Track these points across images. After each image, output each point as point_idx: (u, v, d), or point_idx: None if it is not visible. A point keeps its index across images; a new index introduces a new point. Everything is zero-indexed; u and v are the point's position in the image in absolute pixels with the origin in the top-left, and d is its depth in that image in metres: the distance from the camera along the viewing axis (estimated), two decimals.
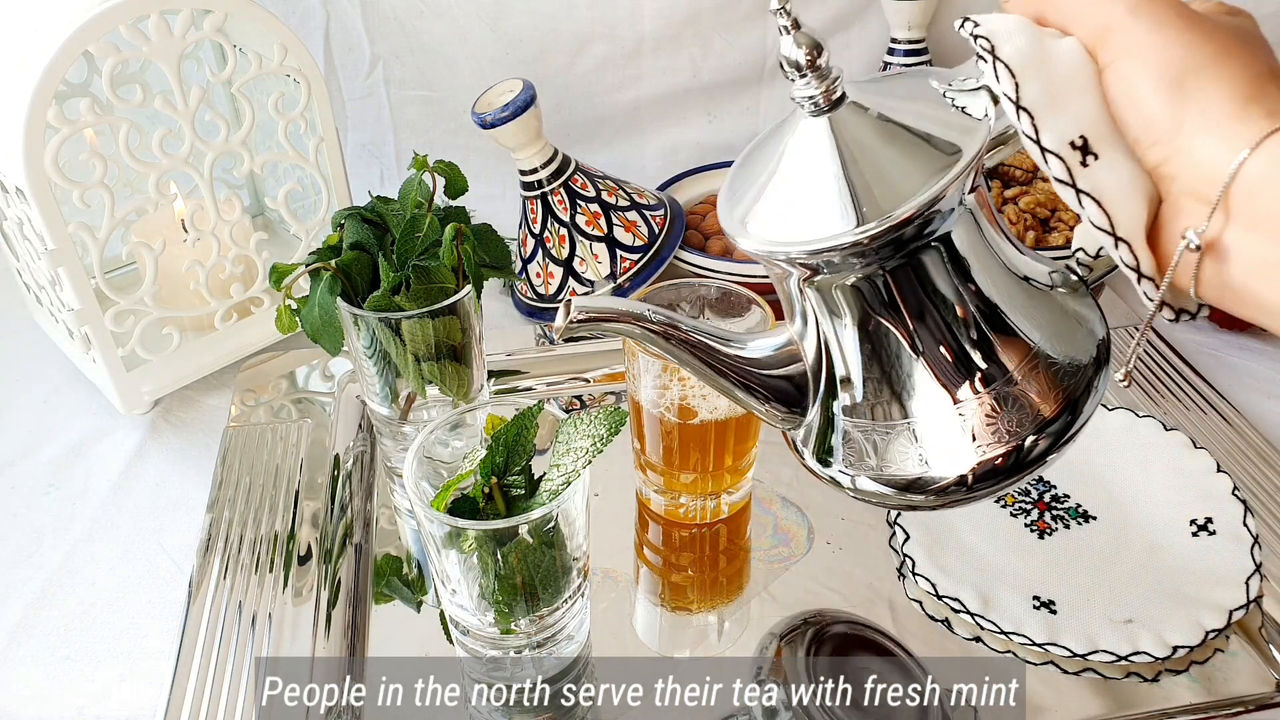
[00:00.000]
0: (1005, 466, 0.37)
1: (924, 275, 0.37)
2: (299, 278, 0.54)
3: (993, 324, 0.38)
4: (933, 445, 0.38)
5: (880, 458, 0.39)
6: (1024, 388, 0.37)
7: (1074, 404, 0.38)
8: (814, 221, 0.36)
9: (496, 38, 0.85)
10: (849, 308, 0.38)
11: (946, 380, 0.38)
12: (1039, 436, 0.37)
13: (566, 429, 0.46)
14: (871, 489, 0.39)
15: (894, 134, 0.36)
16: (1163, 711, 0.48)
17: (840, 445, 0.40)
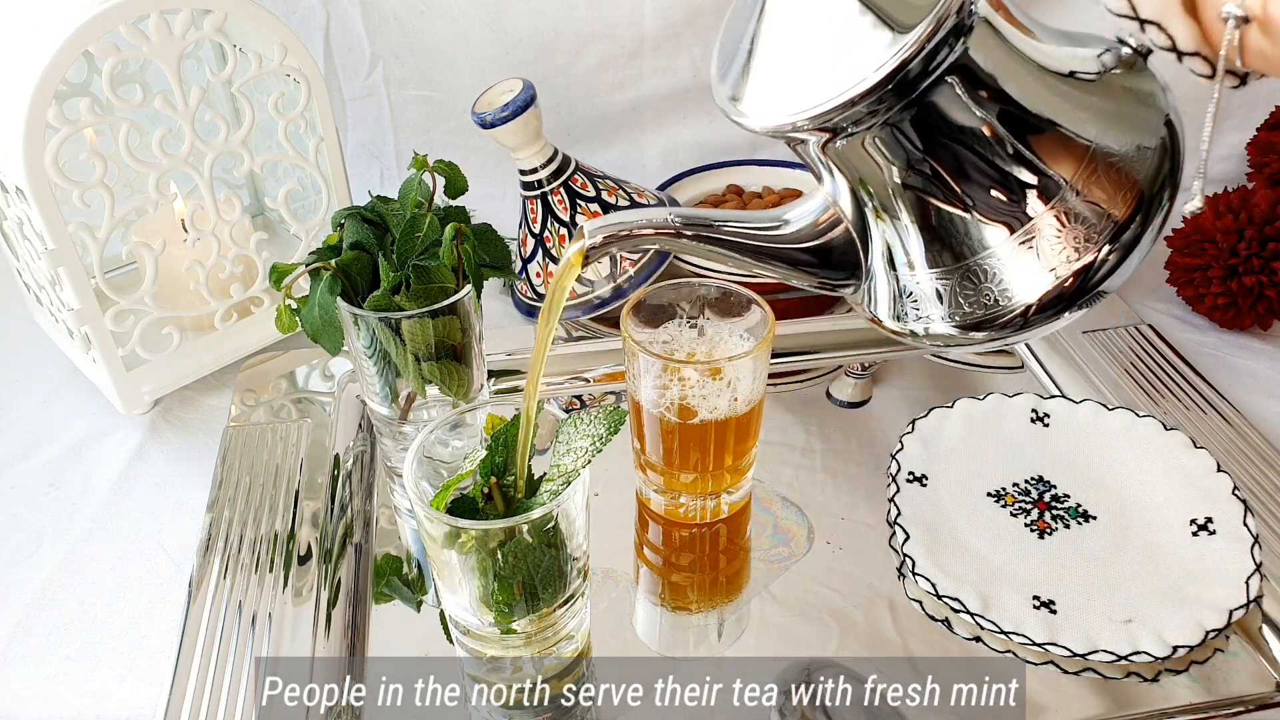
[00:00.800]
0: (1104, 266, 0.35)
1: (950, 106, 0.34)
2: (299, 278, 0.54)
3: (1038, 135, 0.34)
4: (1004, 278, 0.35)
5: (950, 303, 0.37)
6: (1088, 196, 0.34)
7: (1146, 200, 0.35)
8: (817, 79, 0.33)
9: (496, 38, 0.85)
10: (879, 161, 0.35)
11: (1003, 207, 0.35)
12: (1114, 243, 0.35)
13: (566, 429, 0.46)
14: (954, 334, 0.37)
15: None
16: (1163, 711, 0.48)
17: (906, 299, 0.38)
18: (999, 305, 0.36)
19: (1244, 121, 0.86)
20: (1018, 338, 0.38)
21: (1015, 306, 0.36)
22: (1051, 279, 0.35)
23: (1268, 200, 0.71)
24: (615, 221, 0.38)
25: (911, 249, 0.37)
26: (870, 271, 0.39)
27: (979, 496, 0.59)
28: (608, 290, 0.75)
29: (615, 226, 0.38)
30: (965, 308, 0.37)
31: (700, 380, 0.52)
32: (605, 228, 0.37)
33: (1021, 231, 0.35)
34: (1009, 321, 0.36)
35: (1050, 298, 0.36)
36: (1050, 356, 0.71)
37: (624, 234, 0.37)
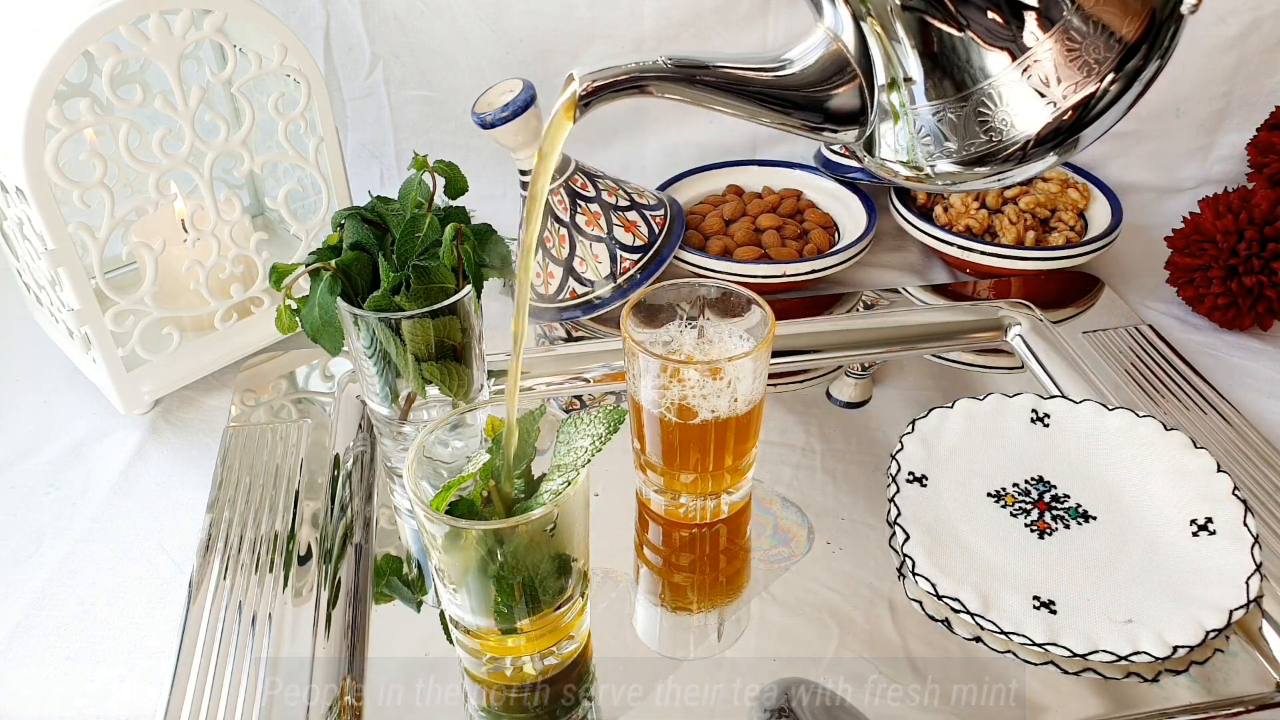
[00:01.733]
0: (1106, 96, 0.34)
1: None
2: (299, 278, 0.54)
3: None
4: (1006, 107, 0.35)
5: (952, 138, 0.37)
6: (1095, 14, 0.34)
7: (1156, 18, 0.34)
8: None
9: (496, 38, 0.85)
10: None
11: (1006, 29, 0.34)
12: (1119, 71, 0.34)
13: (567, 429, 0.46)
14: (958, 172, 0.37)
15: None
16: (1163, 711, 0.48)
17: (911, 136, 0.37)
18: (1000, 137, 0.36)
19: (1244, 122, 0.86)
20: (1019, 171, 0.37)
21: (1016, 139, 0.36)
22: (1051, 110, 0.35)
23: (1268, 200, 0.71)
24: (605, 66, 0.36)
25: (914, 76, 0.37)
26: (873, 111, 0.38)
27: (979, 496, 0.59)
28: (608, 290, 0.75)
29: (605, 72, 0.36)
30: (967, 142, 0.37)
31: (700, 380, 0.52)
32: (595, 73, 0.35)
33: (1023, 58, 0.35)
34: (1009, 155, 0.36)
35: (1049, 130, 0.36)
36: (1050, 356, 0.71)
37: (615, 79, 0.35)
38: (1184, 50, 0.82)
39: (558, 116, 0.38)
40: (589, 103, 0.35)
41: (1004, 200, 0.82)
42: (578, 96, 0.35)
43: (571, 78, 0.35)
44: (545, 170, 0.40)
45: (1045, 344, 0.72)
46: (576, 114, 0.36)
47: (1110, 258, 0.82)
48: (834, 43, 0.37)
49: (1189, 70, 0.84)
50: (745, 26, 0.86)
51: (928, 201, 0.85)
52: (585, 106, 0.35)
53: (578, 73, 0.35)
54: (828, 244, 0.81)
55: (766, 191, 0.88)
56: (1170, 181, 0.90)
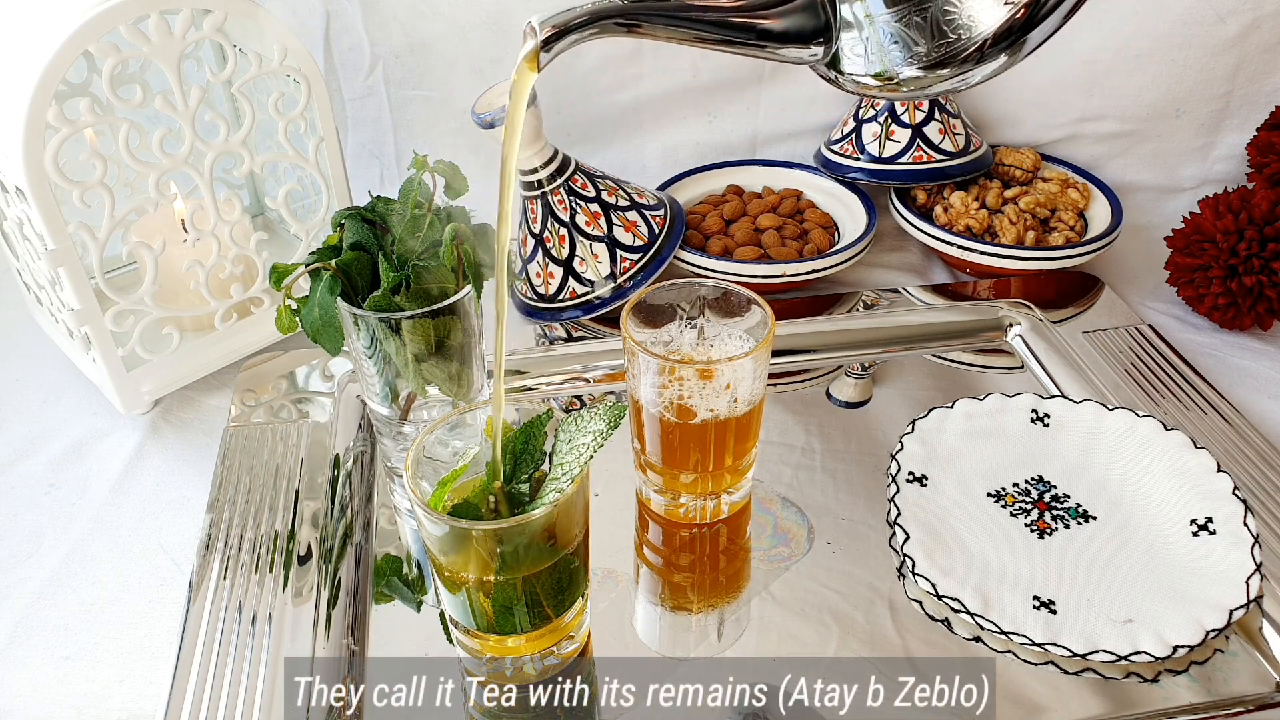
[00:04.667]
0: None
1: None
2: (299, 278, 0.54)
3: None
4: (960, 10, 0.37)
5: (912, 43, 0.38)
6: None
7: None
8: None
9: (496, 38, 0.85)
10: None
11: None
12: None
13: (568, 428, 0.46)
14: (920, 76, 0.39)
15: None
16: (1163, 711, 0.48)
17: (877, 47, 0.39)
18: (957, 39, 0.38)
19: (1244, 122, 0.86)
20: (977, 72, 0.39)
21: (973, 39, 0.38)
22: (1008, 9, 0.37)
23: (1268, 200, 0.71)
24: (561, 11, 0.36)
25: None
26: (837, 25, 0.39)
27: (979, 496, 0.59)
28: (608, 290, 0.75)
29: (563, 15, 0.36)
30: (926, 46, 0.38)
31: (700, 381, 0.52)
32: (553, 18, 0.36)
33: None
34: (967, 55, 0.38)
35: (1004, 28, 0.37)
36: (1050, 356, 0.71)
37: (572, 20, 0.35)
38: (1184, 50, 0.83)
39: (521, 68, 0.38)
40: (550, 46, 0.35)
41: (1004, 200, 0.83)
42: (540, 43, 0.35)
43: (531, 28, 0.35)
44: (515, 125, 0.40)
45: (1045, 344, 0.72)
46: (540, 62, 0.36)
47: (1110, 258, 0.82)
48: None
49: (1189, 70, 0.84)
50: None
51: (928, 201, 0.85)
52: (547, 51, 0.35)
53: (535, 20, 0.35)
54: (828, 244, 0.81)
55: (766, 191, 0.88)
56: (1170, 181, 0.90)
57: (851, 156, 0.85)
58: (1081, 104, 0.87)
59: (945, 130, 0.83)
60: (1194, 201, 0.80)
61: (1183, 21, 0.82)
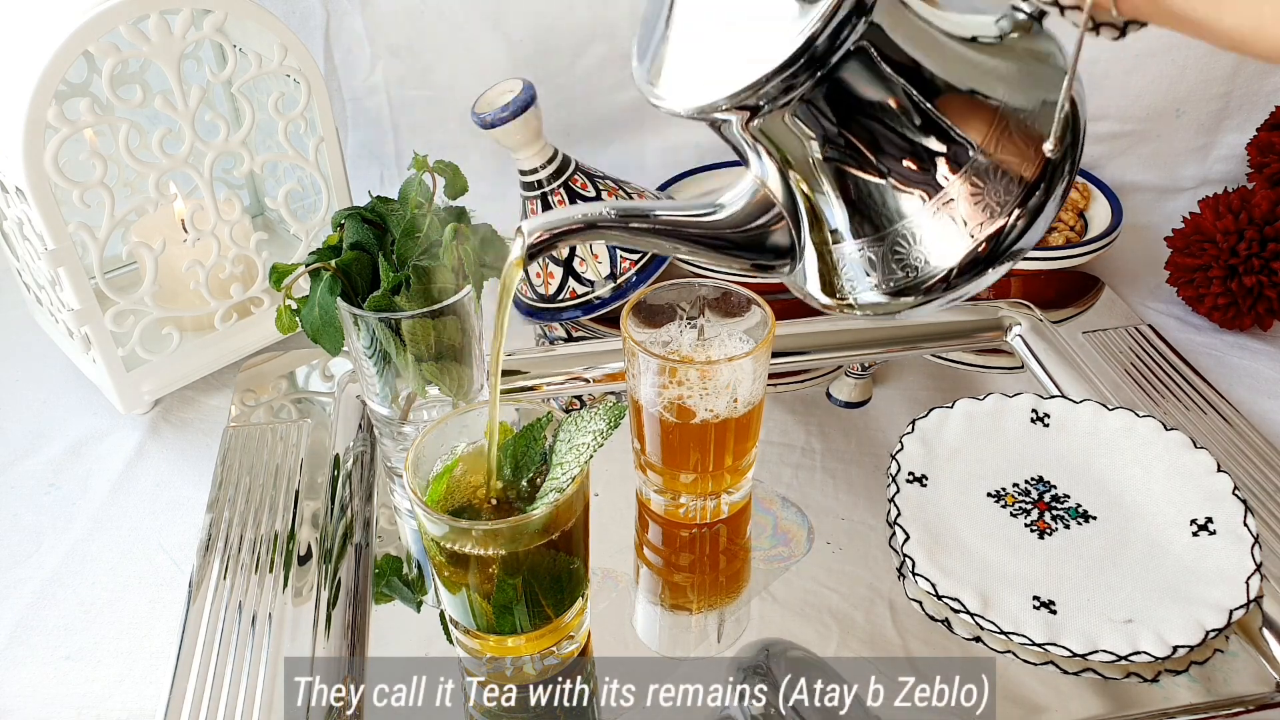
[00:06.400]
0: (1014, 231, 0.37)
1: (860, 79, 0.35)
2: (299, 278, 0.54)
3: (945, 100, 0.36)
4: (924, 245, 0.37)
5: (877, 272, 0.39)
6: (1001, 154, 0.36)
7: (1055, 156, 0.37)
8: (731, 58, 0.35)
9: (496, 38, 0.85)
10: (799, 137, 0.37)
11: (918, 175, 0.37)
12: (1030, 196, 0.37)
13: (568, 427, 0.46)
14: (884, 302, 0.39)
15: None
16: (1163, 711, 0.48)
17: (839, 272, 0.40)
18: (921, 271, 0.38)
19: (1244, 122, 0.86)
20: (944, 299, 0.40)
21: (936, 271, 0.38)
22: (968, 244, 0.37)
23: (1268, 200, 0.71)
24: (553, 217, 0.39)
25: (837, 221, 0.39)
26: (802, 249, 0.41)
27: (979, 496, 0.59)
28: (608, 290, 0.75)
29: (553, 222, 0.39)
30: (891, 275, 0.39)
31: (699, 381, 0.52)
32: (543, 225, 0.39)
33: (935, 199, 0.37)
34: (932, 286, 0.39)
35: (967, 262, 0.38)
36: (1050, 356, 0.71)
37: (560, 229, 0.39)
38: (1184, 50, 0.83)
39: (511, 267, 0.42)
40: (536, 252, 0.39)
41: None
42: (529, 246, 0.38)
43: (521, 231, 0.38)
44: (501, 321, 0.44)
45: (1045, 344, 0.72)
46: (526, 261, 0.39)
47: (1110, 258, 0.82)
48: (761, 189, 0.40)
49: (1189, 70, 0.84)
50: None
51: None
52: (533, 256, 0.39)
53: (526, 225, 0.38)
54: None
55: None
56: (1170, 181, 0.90)
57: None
58: None
59: None
60: (1194, 201, 0.80)
61: None
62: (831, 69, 0.35)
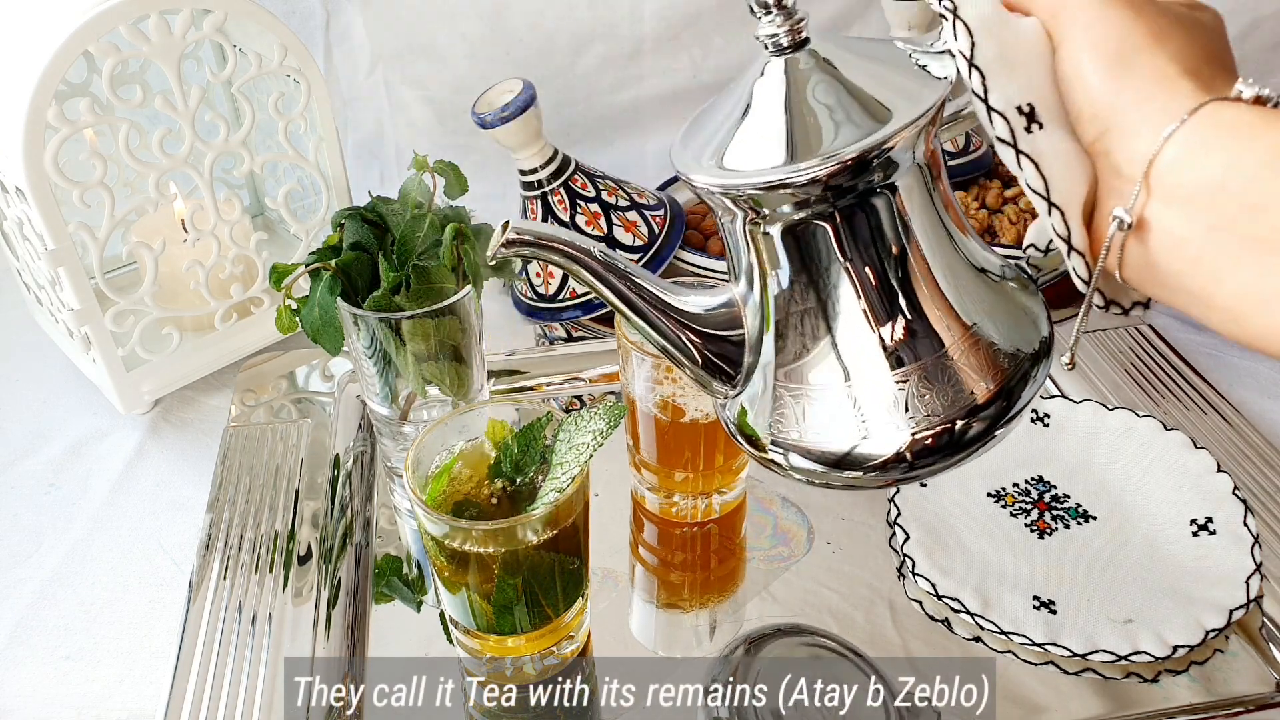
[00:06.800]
0: (937, 447, 0.36)
1: (868, 225, 0.36)
2: (299, 278, 0.54)
3: (934, 293, 0.37)
4: (864, 414, 0.37)
5: (810, 424, 0.37)
6: (960, 365, 0.36)
7: (1010, 390, 0.37)
8: (761, 158, 0.35)
9: (496, 38, 0.85)
10: (790, 256, 0.37)
11: (880, 345, 0.36)
12: (972, 419, 0.37)
13: (568, 427, 0.46)
14: (802, 465, 0.38)
15: (853, 81, 0.36)
16: (1163, 711, 0.48)
17: (772, 410, 0.38)
18: (856, 446, 0.37)
19: None
20: (870, 484, 0.38)
21: (874, 455, 0.37)
22: (907, 436, 0.36)
23: None
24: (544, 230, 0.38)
25: (792, 356, 0.38)
26: (747, 372, 0.40)
27: (979, 496, 0.59)
28: None
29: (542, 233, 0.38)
30: (827, 438, 0.37)
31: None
32: (531, 230, 0.38)
33: (896, 374, 0.36)
34: (869, 466, 0.37)
35: (896, 454, 0.36)
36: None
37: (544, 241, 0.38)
38: None
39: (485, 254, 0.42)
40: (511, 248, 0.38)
41: (1004, 200, 0.82)
42: (503, 244, 0.37)
43: (506, 225, 0.38)
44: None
45: None
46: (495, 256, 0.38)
47: None
48: (735, 307, 0.40)
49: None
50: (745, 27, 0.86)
51: None
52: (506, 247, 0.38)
53: (515, 224, 0.38)
54: None
55: None
56: None
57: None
58: None
59: None
60: None
61: None
62: (857, 196, 0.35)
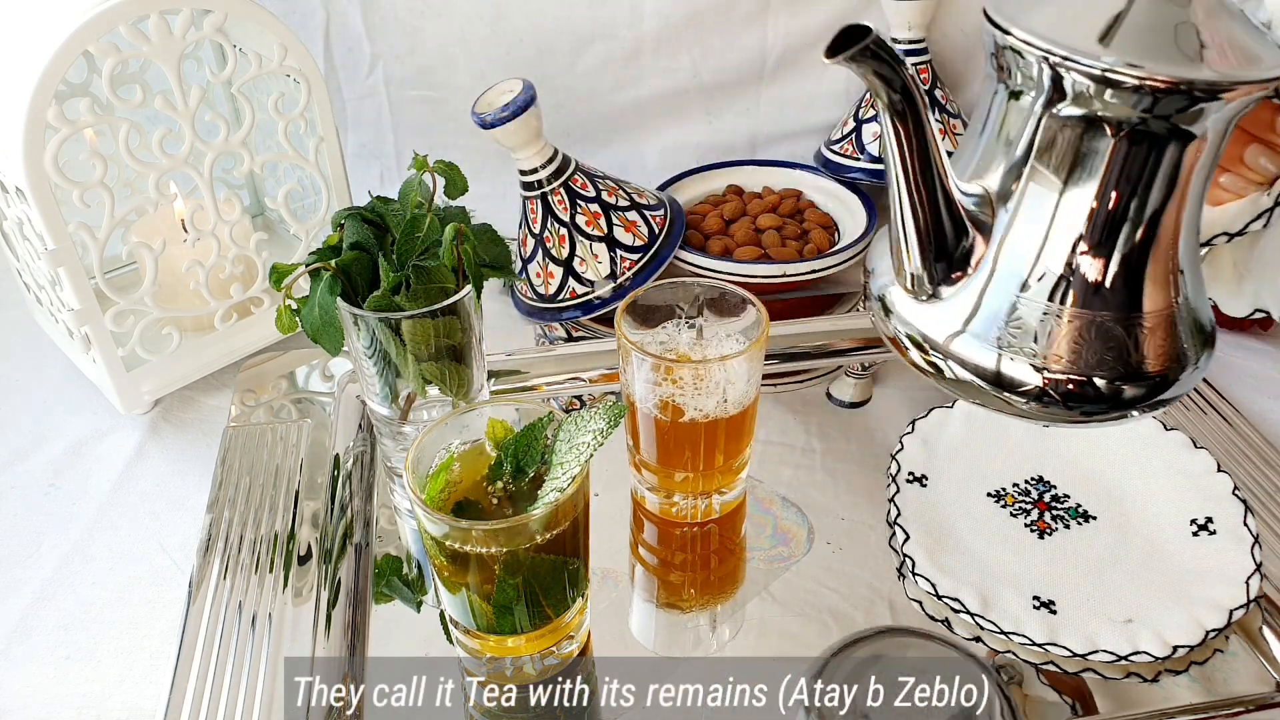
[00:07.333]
0: (1084, 395, 0.39)
1: (1168, 165, 0.37)
2: (299, 278, 0.54)
3: (1170, 252, 0.39)
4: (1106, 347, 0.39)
5: (1048, 344, 0.38)
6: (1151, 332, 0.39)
7: (1167, 374, 0.40)
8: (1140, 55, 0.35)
9: (496, 38, 0.85)
10: (1075, 163, 0.38)
11: (1147, 284, 0.38)
12: (1128, 384, 0.40)
13: (568, 427, 0.46)
14: (1022, 378, 0.39)
15: (1228, 30, 0.37)
16: (1163, 711, 0.48)
17: (1003, 323, 0.39)
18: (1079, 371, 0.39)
19: None
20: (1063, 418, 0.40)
21: (1024, 382, 0.39)
22: (1061, 375, 0.39)
23: None
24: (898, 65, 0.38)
25: (1051, 274, 0.39)
26: (969, 280, 0.40)
27: (979, 496, 0.59)
28: (608, 290, 0.75)
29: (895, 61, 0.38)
30: (1063, 358, 0.39)
31: (691, 380, 0.52)
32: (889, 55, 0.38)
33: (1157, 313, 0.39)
34: (1020, 390, 0.39)
35: (1039, 388, 0.39)
36: None
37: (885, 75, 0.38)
38: None
39: None
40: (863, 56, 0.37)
41: None
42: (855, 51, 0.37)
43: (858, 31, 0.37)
44: None
45: None
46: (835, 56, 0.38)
47: None
48: (984, 197, 0.42)
49: None
50: (745, 26, 0.86)
51: None
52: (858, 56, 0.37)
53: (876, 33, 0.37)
54: (828, 244, 0.81)
55: (766, 191, 0.88)
56: None
57: (851, 156, 0.85)
58: None
59: (945, 130, 0.83)
60: None
61: None
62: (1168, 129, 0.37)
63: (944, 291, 0.41)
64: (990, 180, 0.40)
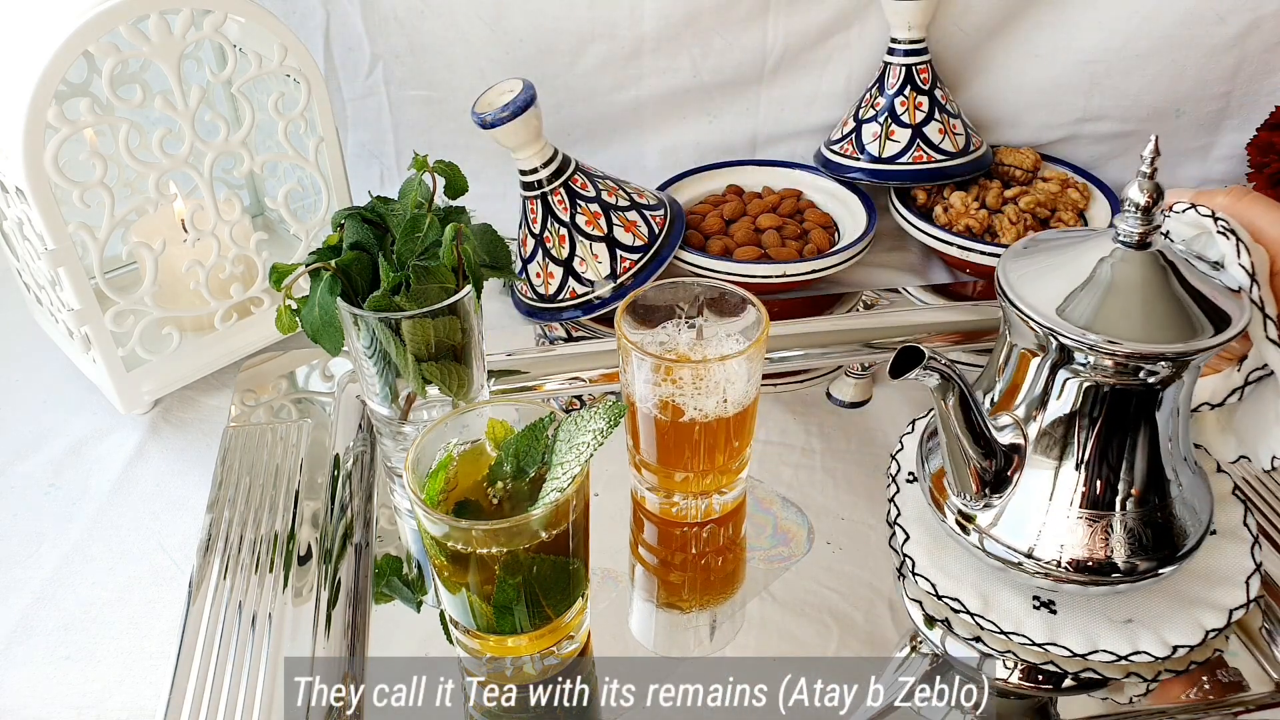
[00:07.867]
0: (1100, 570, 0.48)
1: (1158, 400, 0.47)
2: (299, 278, 0.54)
3: (1169, 473, 0.49)
4: (1071, 533, 0.49)
5: (1090, 544, 0.48)
6: (1152, 520, 0.49)
7: (1176, 552, 0.49)
8: (1129, 328, 0.45)
9: (496, 38, 0.85)
10: (1082, 406, 0.48)
11: (1118, 488, 0.49)
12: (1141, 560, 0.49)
13: (568, 427, 0.46)
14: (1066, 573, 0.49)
15: (1190, 285, 0.46)
16: (1163, 711, 0.48)
17: (1037, 534, 0.49)
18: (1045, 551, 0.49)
19: (1244, 122, 0.86)
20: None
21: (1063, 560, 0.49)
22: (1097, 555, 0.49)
23: None
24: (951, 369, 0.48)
25: (1078, 488, 0.49)
26: (1014, 489, 0.50)
27: None
28: (608, 290, 0.75)
29: (949, 368, 0.48)
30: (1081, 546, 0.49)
31: (691, 380, 0.52)
32: (943, 361, 0.48)
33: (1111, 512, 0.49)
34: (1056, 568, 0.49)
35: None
36: None
37: (946, 371, 0.48)
38: (1184, 50, 0.83)
39: None
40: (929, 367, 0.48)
41: (1004, 200, 0.82)
42: (923, 366, 0.47)
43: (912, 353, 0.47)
44: None
45: None
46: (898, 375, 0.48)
47: None
48: (1014, 426, 0.52)
49: (1189, 70, 0.84)
50: (745, 26, 0.86)
51: (928, 202, 0.85)
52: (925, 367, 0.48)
53: (929, 350, 0.47)
54: (828, 244, 0.81)
55: (766, 191, 0.88)
56: (1170, 181, 0.90)
57: (851, 156, 0.85)
58: (1081, 104, 0.87)
59: (945, 130, 0.83)
60: None
61: (1183, 22, 0.82)
62: (1157, 380, 0.47)
63: (994, 501, 0.51)
64: (1018, 410, 0.50)
